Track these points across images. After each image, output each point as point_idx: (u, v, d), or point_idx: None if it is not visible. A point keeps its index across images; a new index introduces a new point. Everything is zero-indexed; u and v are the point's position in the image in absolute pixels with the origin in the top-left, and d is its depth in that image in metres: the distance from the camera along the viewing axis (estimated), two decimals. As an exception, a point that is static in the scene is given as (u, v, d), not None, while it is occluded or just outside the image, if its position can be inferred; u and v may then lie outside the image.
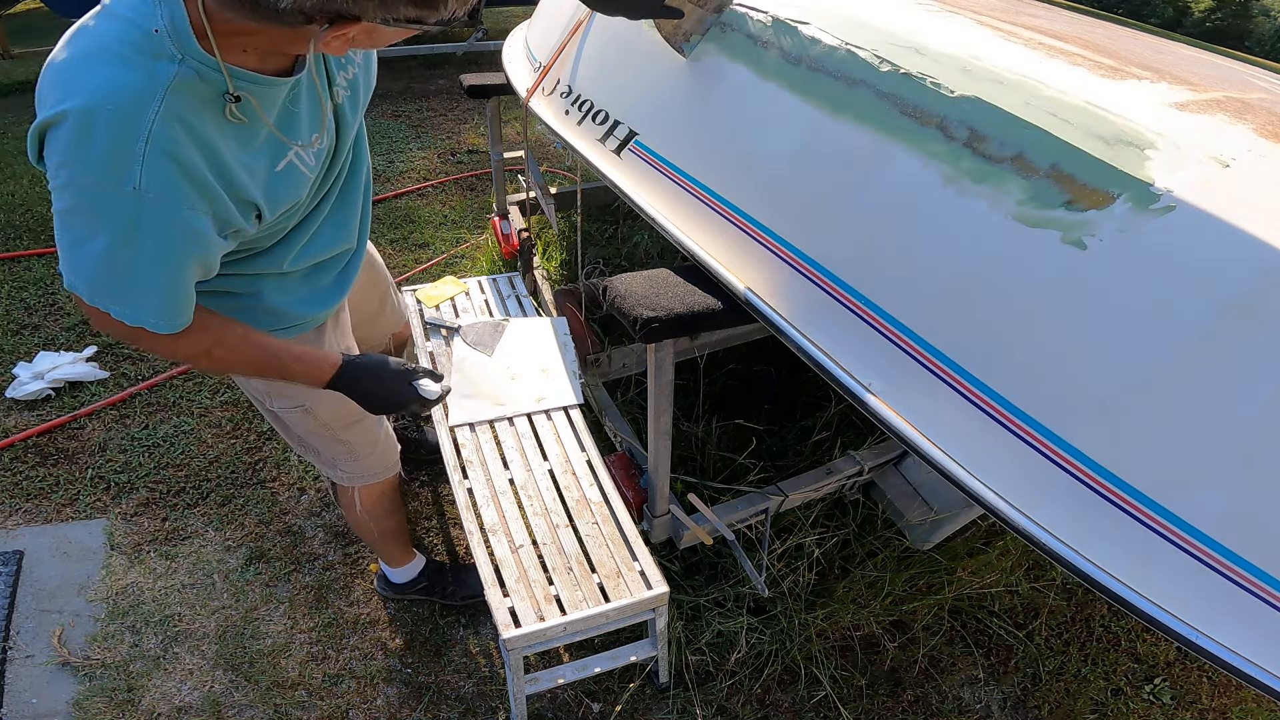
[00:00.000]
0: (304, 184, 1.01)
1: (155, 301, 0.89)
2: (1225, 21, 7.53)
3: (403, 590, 1.77)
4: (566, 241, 3.02)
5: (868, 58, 1.20)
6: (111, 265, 0.84)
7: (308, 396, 1.30)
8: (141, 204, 0.79)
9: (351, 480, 1.49)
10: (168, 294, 0.89)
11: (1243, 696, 1.76)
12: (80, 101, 0.76)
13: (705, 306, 1.32)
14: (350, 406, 1.34)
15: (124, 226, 0.80)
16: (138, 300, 0.88)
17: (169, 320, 0.92)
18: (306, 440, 1.40)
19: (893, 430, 1.04)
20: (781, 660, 1.68)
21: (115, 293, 0.87)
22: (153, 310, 0.90)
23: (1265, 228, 0.81)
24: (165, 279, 0.88)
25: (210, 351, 1.01)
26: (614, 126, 1.63)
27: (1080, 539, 0.87)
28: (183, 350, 0.99)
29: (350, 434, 1.40)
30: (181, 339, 0.96)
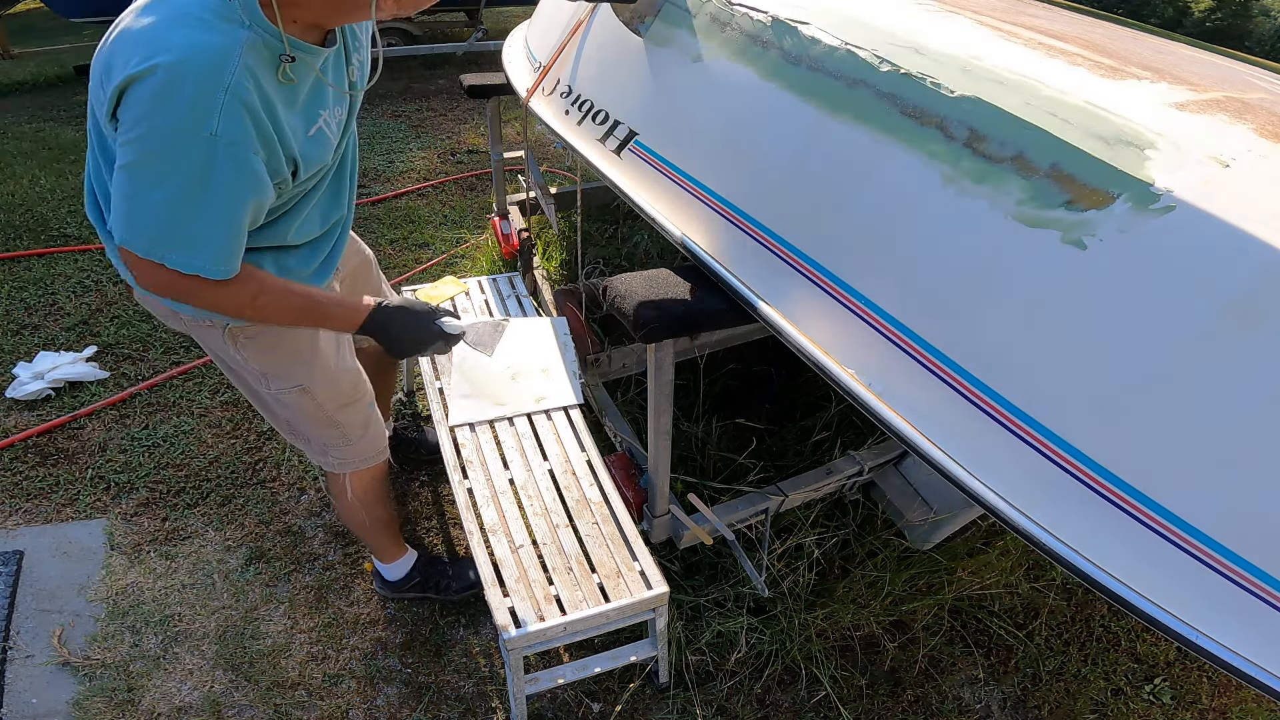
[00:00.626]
0: (329, 149, 1.11)
1: (214, 245, 0.96)
2: (1225, 21, 7.53)
3: (398, 589, 1.77)
4: (566, 241, 3.02)
5: (868, 58, 1.20)
6: (178, 210, 0.92)
7: (305, 376, 1.33)
8: (216, 148, 0.89)
9: (343, 466, 1.50)
10: (226, 237, 0.97)
11: (1243, 696, 1.76)
12: (171, 57, 0.86)
13: (705, 306, 1.32)
14: (344, 386, 1.42)
15: (198, 169, 0.89)
16: (198, 245, 0.95)
17: (224, 264, 0.99)
18: (299, 426, 1.42)
19: (893, 430, 1.04)
20: (781, 660, 1.68)
21: (177, 239, 0.94)
22: (211, 254, 0.97)
23: (1265, 228, 0.81)
24: (226, 222, 0.96)
25: (256, 299, 1.07)
26: (614, 126, 1.63)
27: (1080, 539, 0.87)
28: (230, 299, 1.04)
29: (343, 415, 1.43)
30: (230, 286, 1.02)
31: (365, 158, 3.96)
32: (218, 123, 0.89)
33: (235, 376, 1.37)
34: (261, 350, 1.28)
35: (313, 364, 1.34)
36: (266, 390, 1.34)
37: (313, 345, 1.34)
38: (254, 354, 1.28)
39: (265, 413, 1.43)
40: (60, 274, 2.87)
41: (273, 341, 1.28)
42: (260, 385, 1.33)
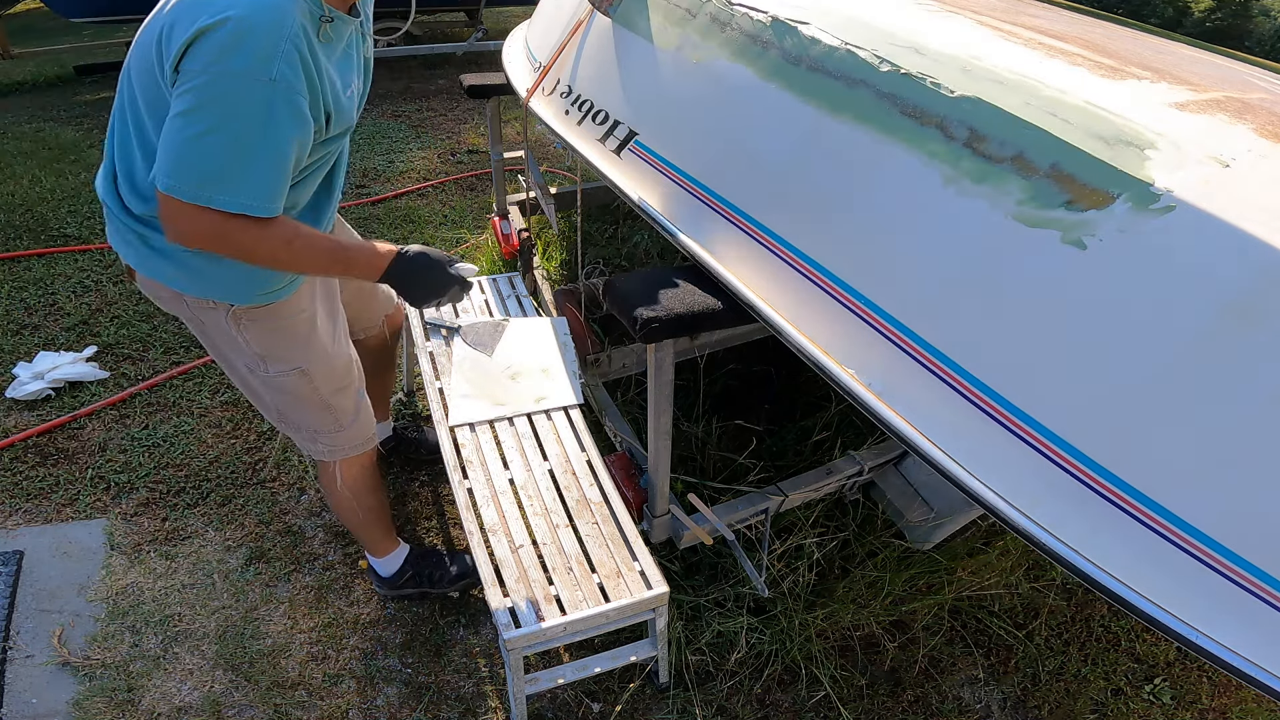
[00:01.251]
0: (353, 113, 1.22)
1: (266, 183, 1.04)
2: (1225, 21, 7.53)
3: (394, 585, 1.77)
4: (566, 241, 3.02)
5: (868, 58, 1.20)
6: (237, 149, 0.99)
7: (304, 358, 1.37)
8: (276, 91, 0.99)
9: (332, 454, 1.51)
10: (276, 176, 1.05)
11: (1243, 696, 1.76)
12: (240, 12, 0.96)
13: (705, 306, 1.32)
14: (339, 369, 1.45)
15: (260, 111, 0.98)
16: (251, 182, 1.02)
17: (271, 202, 1.05)
18: (291, 412, 1.44)
19: (893, 430, 1.04)
20: (781, 660, 1.68)
21: (231, 177, 1.01)
22: (260, 191, 1.03)
23: (1265, 228, 0.81)
24: (278, 161, 1.04)
25: (291, 241, 1.12)
26: (614, 126, 1.63)
27: (1080, 539, 0.87)
28: (268, 240, 1.09)
29: (336, 399, 1.45)
30: (271, 228, 1.08)
31: (365, 158, 3.96)
32: (278, 68, 0.98)
33: (228, 363, 1.38)
34: (263, 333, 1.31)
35: (311, 346, 1.37)
36: (264, 373, 1.36)
37: (311, 328, 1.37)
38: (255, 336, 1.31)
39: (256, 399, 1.45)
40: (60, 274, 2.87)
41: (274, 324, 1.31)
42: (257, 369, 1.35)
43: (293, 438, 1.54)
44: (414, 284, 1.28)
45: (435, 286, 1.29)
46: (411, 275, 1.27)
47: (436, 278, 1.29)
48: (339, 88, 1.14)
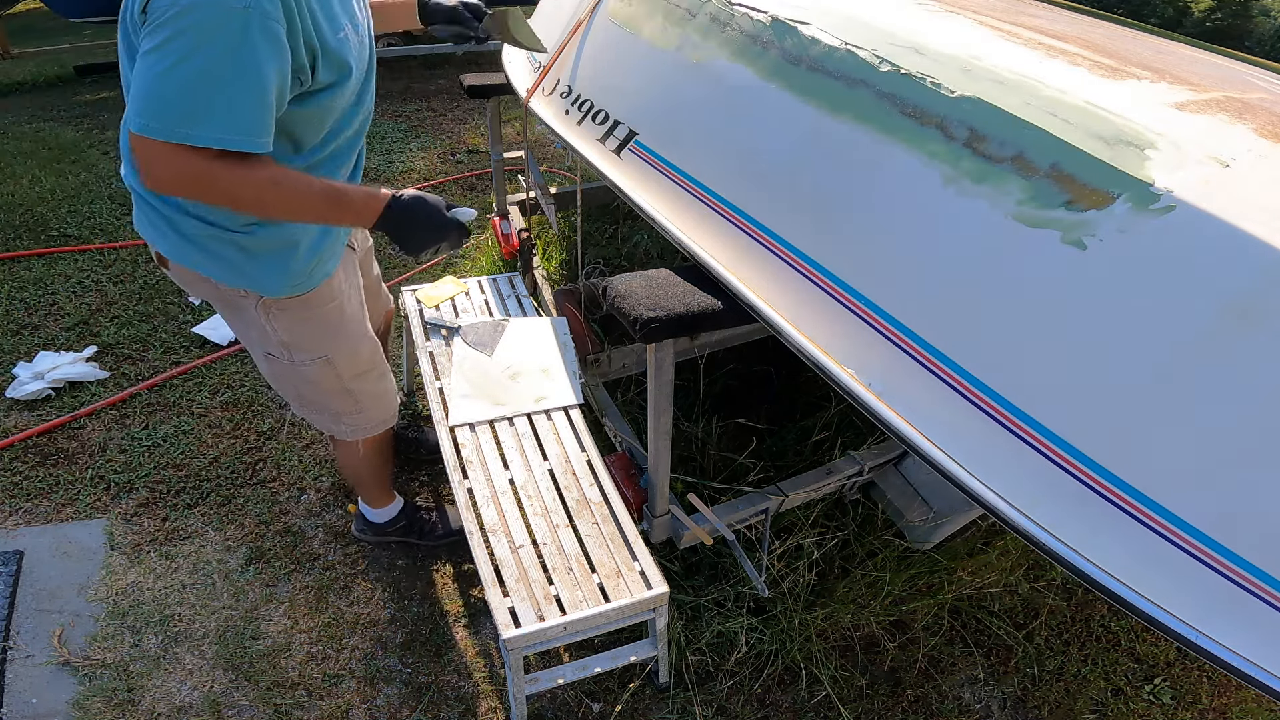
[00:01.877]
0: (352, 56, 1.14)
1: (243, 114, 0.97)
2: (1225, 21, 7.53)
3: (382, 530, 1.80)
4: (566, 241, 3.02)
5: (868, 58, 1.20)
6: (212, 80, 0.93)
7: (330, 346, 1.37)
8: (250, 19, 0.93)
9: (354, 434, 1.55)
10: (255, 106, 0.98)
11: (1243, 696, 1.76)
12: None
13: (705, 306, 1.32)
14: (363, 354, 1.46)
15: (233, 39, 0.92)
16: (226, 114, 0.95)
17: (252, 136, 0.99)
18: (314, 397, 1.46)
19: (893, 430, 1.04)
20: (781, 660, 1.68)
21: (209, 109, 0.94)
22: (239, 123, 0.97)
23: (1265, 228, 0.81)
24: (255, 90, 0.97)
25: (279, 182, 1.06)
26: (614, 126, 1.63)
27: (1080, 539, 0.87)
28: (253, 181, 1.03)
29: (357, 384, 1.46)
30: (254, 167, 1.02)
31: (365, 157, 3.96)
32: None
33: (252, 347, 1.39)
34: (293, 322, 1.31)
35: (338, 335, 1.38)
36: (289, 361, 1.36)
37: (340, 316, 1.38)
38: (284, 325, 1.31)
39: (276, 384, 1.47)
40: (60, 274, 2.87)
41: (304, 314, 1.31)
42: (283, 356, 1.35)
43: (312, 420, 1.56)
44: (410, 229, 1.21)
45: (432, 231, 1.23)
46: (408, 220, 1.20)
47: (434, 221, 1.22)
48: (325, 28, 1.07)
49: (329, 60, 1.09)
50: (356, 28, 1.16)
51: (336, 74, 1.12)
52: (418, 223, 1.21)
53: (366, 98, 1.28)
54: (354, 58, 1.15)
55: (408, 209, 1.19)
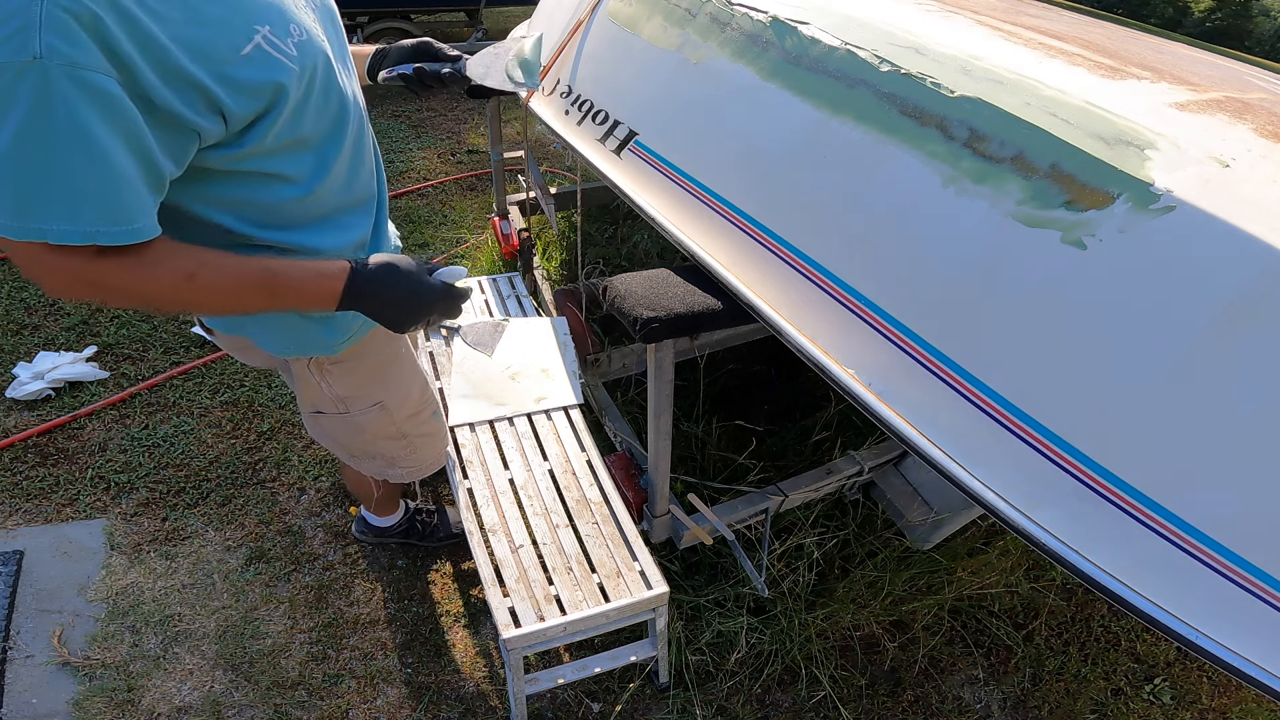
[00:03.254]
0: (283, 73, 0.85)
1: (95, 198, 0.73)
2: (1225, 21, 7.54)
3: (383, 534, 1.80)
4: (566, 241, 3.02)
5: (868, 58, 1.20)
6: (28, 161, 0.70)
7: (384, 392, 1.26)
8: (47, 73, 0.68)
9: (409, 477, 1.48)
10: (105, 184, 0.74)
11: (1243, 696, 1.76)
12: None
13: (705, 306, 1.32)
14: (414, 395, 1.34)
15: (33, 104, 0.68)
16: (72, 201, 0.73)
17: (119, 222, 0.75)
18: (365, 447, 1.35)
19: (893, 430, 1.04)
20: (781, 660, 1.68)
21: (43, 199, 0.72)
22: (96, 210, 0.74)
23: (1265, 228, 0.81)
24: (96, 164, 0.73)
25: (194, 276, 0.84)
26: (614, 126, 1.63)
27: (1080, 539, 0.87)
28: (161, 278, 0.82)
29: (411, 425, 1.37)
30: (156, 264, 0.81)
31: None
32: (39, 41, 0.67)
33: (303, 405, 1.29)
34: (345, 375, 1.20)
35: (392, 376, 1.28)
36: (344, 414, 1.26)
37: (394, 357, 1.28)
38: (338, 379, 1.20)
39: (324, 439, 1.35)
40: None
41: (356, 364, 1.20)
42: (337, 410, 1.25)
43: (363, 469, 1.45)
44: (387, 306, 0.98)
45: (414, 304, 1.00)
46: (379, 296, 0.97)
47: (413, 292, 0.99)
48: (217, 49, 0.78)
49: (238, 89, 0.81)
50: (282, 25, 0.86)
51: (266, 99, 0.84)
52: (392, 297, 0.98)
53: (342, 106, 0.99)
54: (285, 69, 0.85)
55: (375, 282, 0.96)
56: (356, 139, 1.04)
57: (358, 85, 1.08)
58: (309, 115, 0.93)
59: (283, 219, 0.97)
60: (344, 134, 1.00)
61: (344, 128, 1.00)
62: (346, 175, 1.04)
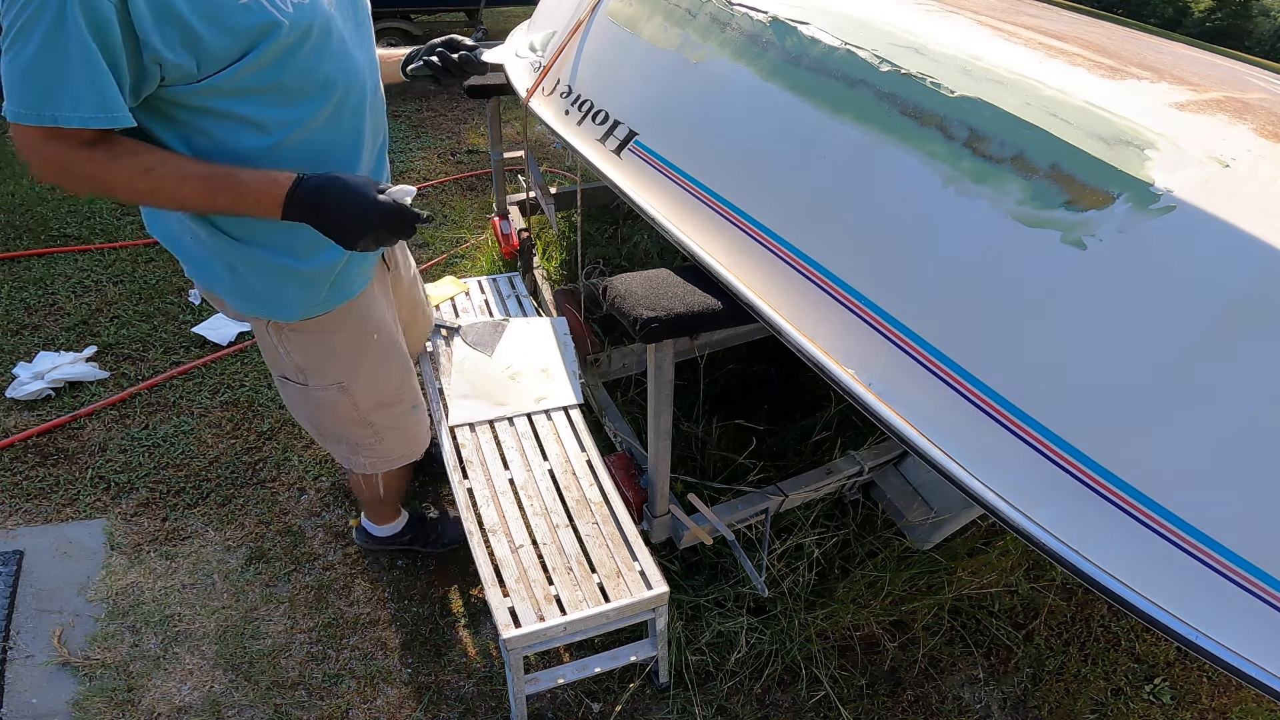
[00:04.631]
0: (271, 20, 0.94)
1: (90, 94, 0.88)
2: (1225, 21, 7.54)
3: (385, 543, 1.80)
4: (566, 241, 3.02)
5: (868, 58, 1.20)
6: (47, 64, 0.86)
7: (347, 374, 1.30)
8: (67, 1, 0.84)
9: (374, 467, 1.50)
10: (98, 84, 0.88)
11: (1243, 696, 1.76)
12: None
13: (705, 306, 1.32)
14: (389, 386, 1.37)
15: (53, 20, 0.85)
16: (74, 95, 0.88)
17: (105, 110, 0.89)
18: (329, 427, 1.40)
19: (893, 430, 1.04)
20: (781, 660, 1.68)
21: (56, 93, 0.87)
22: (90, 102, 0.88)
23: (1265, 228, 0.81)
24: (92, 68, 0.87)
25: (152, 169, 0.96)
26: (614, 126, 1.62)
27: (1080, 539, 0.87)
28: (121, 166, 0.94)
29: (379, 414, 1.40)
30: (121, 151, 0.94)
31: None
32: None
33: (271, 368, 1.35)
34: (305, 345, 1.25)
35: (358, 363, 1.31)
36: (303, 386, 1.31)
37: (363, 342, 1.30)
38: (296, 347, 1.25)
39: (292, 409, 1.42)
40: (60, 274, 2.87)
41: (317, 337, 1.24)
42: (297, 379, 1.30)
43: (330, 449, 1.51)
44: (330, 217, 1.01)
45: (360, 218, 1.02)
46: (323, 207, 1.00)
47: (360, 206, 1.01)
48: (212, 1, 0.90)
49: (225, 30, 0.92)
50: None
51: (246, 44, 0.94)
52: (338, 210, 1.01)
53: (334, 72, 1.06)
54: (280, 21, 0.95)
55: (319, 191, 1.00)
56: (345, 105, 1.10)
57: (373, 70, 1.16)
58: (293, 67, 1.00)
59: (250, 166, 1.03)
60: (327, 98, 1.06)
61: (329, 92, 1.06)
62: (322, 137, 1.09)
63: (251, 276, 1.14)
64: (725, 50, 1.44)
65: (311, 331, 1.23)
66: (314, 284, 1.18)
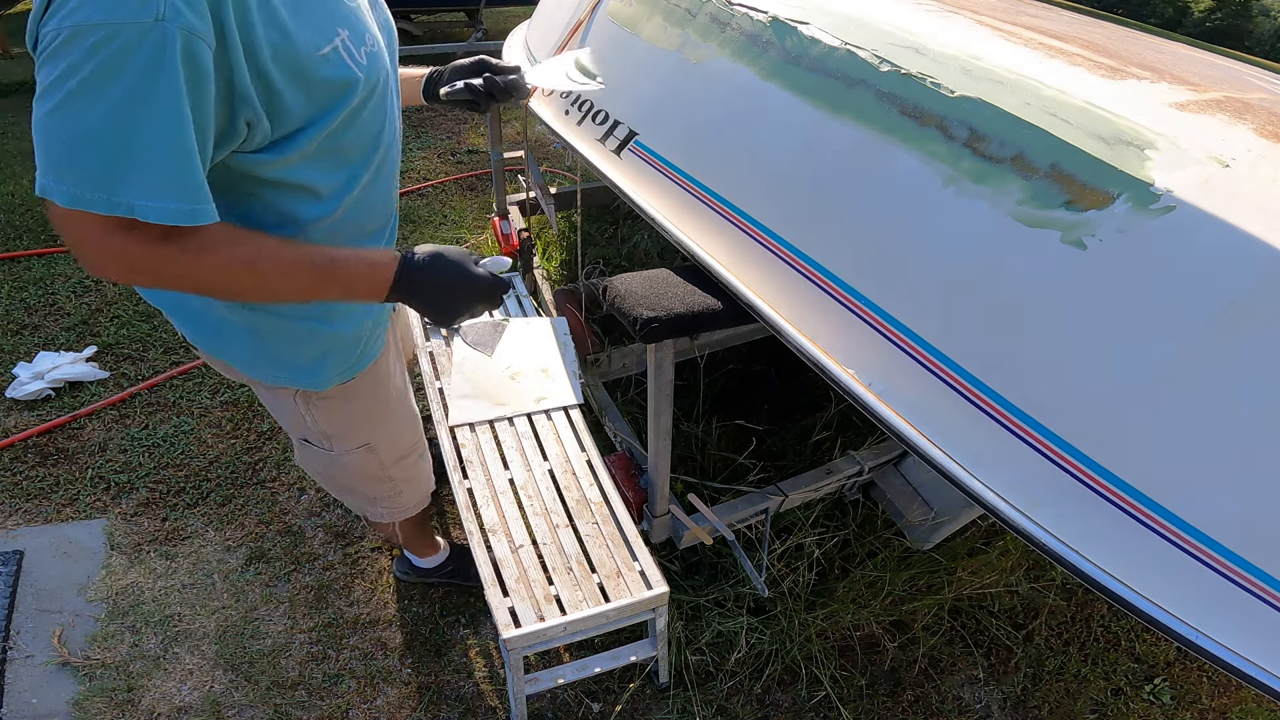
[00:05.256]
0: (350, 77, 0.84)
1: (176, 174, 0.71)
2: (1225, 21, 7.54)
3: (427, 575, 1.79)
4: (566, 241, 3.02)
5: (868, 58, 1.20)
6: (126, 125, 0.67)
7: (371, 433, 1.24)
8: (167, 37, 0.65)
9: (391, 516, 1.48)
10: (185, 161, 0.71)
11: (1243, 696, 1.76)
12: None
13: (705, 306, 1.32)
14: (405, 438, 1.33)
15: (144, 69, 0.66)
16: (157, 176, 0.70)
17: (191, 201, 0.72)
18: (349, 483, 1.36)
19: (893, 430, 1.04)
20: (781, 660, 1.68)
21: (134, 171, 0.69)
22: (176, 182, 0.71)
23: (1265, 228, 0.81)
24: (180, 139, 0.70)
25: (254, 264, 0.81)
26: (614, 126, 1.62)
27: (1080, 539, 0.87)
28: (218, 265, 0.79)
29: (398, 468, 1.37)
30: (214, 248, 0.78)
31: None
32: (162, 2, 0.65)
33: (290, 433, 1.27)
34: (332, 412, 1.17)
35: (382, 419, 1.26)
36: (329, 452, 1.24)
37: (385, 400, 1.24)
38: (324, 416, 1.17)
39: (309, 468, 1.34)
40: (60, 274, 2.87)
41: (346, 402, 1.17)
42: (321, 445, 1.23)
43: (347, 503, 1.47)
44: (433, 296, 0.96)
45: (462, 295, 0.97)
46: (429, 286, 0.95)
47: (462, 282, 0.96)
48: (298, 43, 0.78)
49: (305, 85, 0.80)
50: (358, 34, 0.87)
51: (323, 104, 0.84)
52: (442, 288, 0.95)
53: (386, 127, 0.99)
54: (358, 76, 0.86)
55: (425, 272, 0.93)
56: (387, 160, 1.03)
57: (399, 107, 1.08)
58: (355, 128, 0.92)
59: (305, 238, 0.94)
60: (376, 153, 0.99)
61: (378, 147, 0.99)
62: (370, 196, 1.02)
63: (281, 344, 1.04)
64: (725, 50, 1.44)
65: (338, 398, 1.15)
66: (348, 348, 1.10)
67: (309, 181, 0.90)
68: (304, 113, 0.82)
